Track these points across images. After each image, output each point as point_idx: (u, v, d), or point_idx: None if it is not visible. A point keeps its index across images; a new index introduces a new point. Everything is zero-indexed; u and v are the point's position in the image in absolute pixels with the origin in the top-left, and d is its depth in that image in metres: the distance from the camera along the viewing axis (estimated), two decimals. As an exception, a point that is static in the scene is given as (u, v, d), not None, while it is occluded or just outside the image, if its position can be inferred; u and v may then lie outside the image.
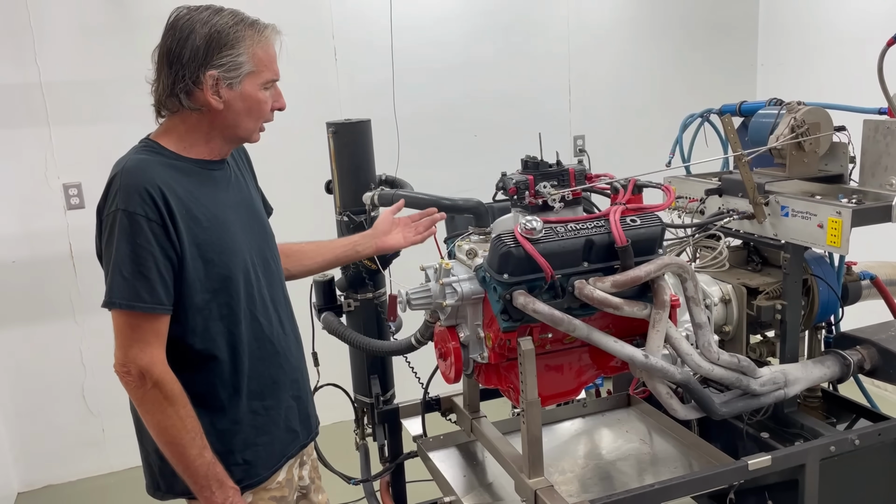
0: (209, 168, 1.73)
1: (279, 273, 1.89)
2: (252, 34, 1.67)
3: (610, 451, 2.19)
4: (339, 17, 4.14)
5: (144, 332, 1.59)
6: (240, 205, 1.79)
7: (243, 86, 1.66)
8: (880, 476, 2.11)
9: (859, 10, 4.30)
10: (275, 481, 1.82)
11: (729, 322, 2.20)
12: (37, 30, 3.64)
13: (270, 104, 1.73)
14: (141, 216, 1.55)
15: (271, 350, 1.78)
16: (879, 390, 3.75)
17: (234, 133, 1.72)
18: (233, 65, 1.64)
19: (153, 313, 1.58)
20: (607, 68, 4.81)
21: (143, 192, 1.56)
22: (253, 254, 1.77)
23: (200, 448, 1.62)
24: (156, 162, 1.64)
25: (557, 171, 1.77)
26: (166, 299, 1.59)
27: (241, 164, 1.91)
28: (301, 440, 1.90)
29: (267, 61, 1.70)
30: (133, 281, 1.55)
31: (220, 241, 1.68)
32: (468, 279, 1.76)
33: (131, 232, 1.55)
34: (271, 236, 1.90)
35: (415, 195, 2.29)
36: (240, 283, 1.71)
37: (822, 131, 2.14)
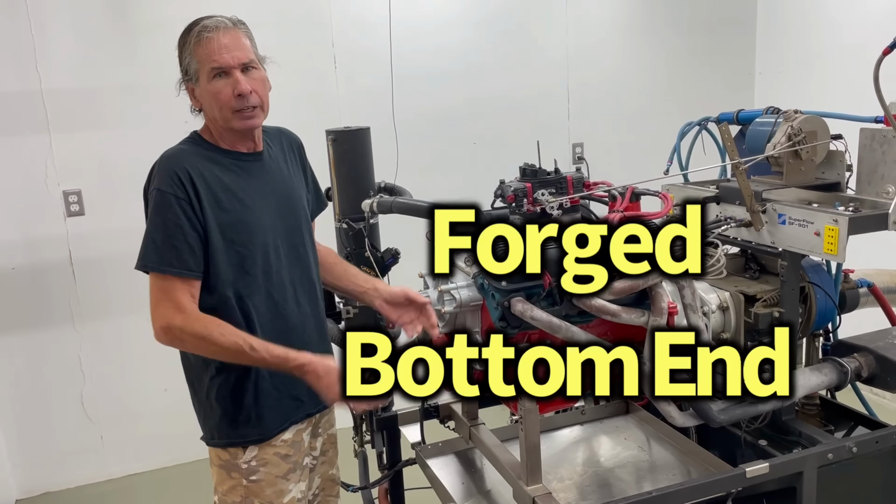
0: (242, 159, 1.97)
1: (307, 258, 2.07)
2: (191, 37, 1.89)
3: (608, 458, 2.19)
4: (338, 26, 4.16)
5: (174, 291, 1.81)
6: (272, 193, 1.99)
7: (201, 83, 1.89)
8: (878, 484, 2.11)
9: (857, 19, 4.32)
10: (279, 439, 2.00)
11: (727, 329, 2.20)
12: (38, 37, 3.66)
13: (228, 92, 1.87)
14: (171, 195, 1.81)
15: (283, 325, 1.97)
16: (877, 398, 3.76)
17: (224, 125, 1.92)
18: (189, 68, 1.90)
19: (181, 277, 1.81)
20: (606, 76, 4.83)
21: (174, 175, 1.83)
22: (278, 237, 1.98)
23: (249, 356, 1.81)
24: (191, 151, 1.92)
25: (555, 179, 1.78)
26: (193, 265, 1.83)
27: (291, 158, 2.13)
28: (307, 409, 2.06)
29: (206, 55, 1.87)
30: (164, 248, 1.81)
31: (241, 223, 1.90)
32: (466, 286, 1.77)
33: (163, 207, 1.81)
34: (306, 224, 2.10)
35: (413, 203, 2.29)
36: (257, 262, 1.92)
37: (819, 140, 2.15)
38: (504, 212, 1.90)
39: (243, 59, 1.89)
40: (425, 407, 2.31)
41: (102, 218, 3.85)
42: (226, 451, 1.98)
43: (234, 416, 1.95)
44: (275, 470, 1.99)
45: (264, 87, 1.97)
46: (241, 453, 1.97)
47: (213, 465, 2.02)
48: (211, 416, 1.97)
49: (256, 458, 1.97)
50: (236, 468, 1.97)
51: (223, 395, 1.94)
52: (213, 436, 1.99)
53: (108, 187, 3.79)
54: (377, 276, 2.42)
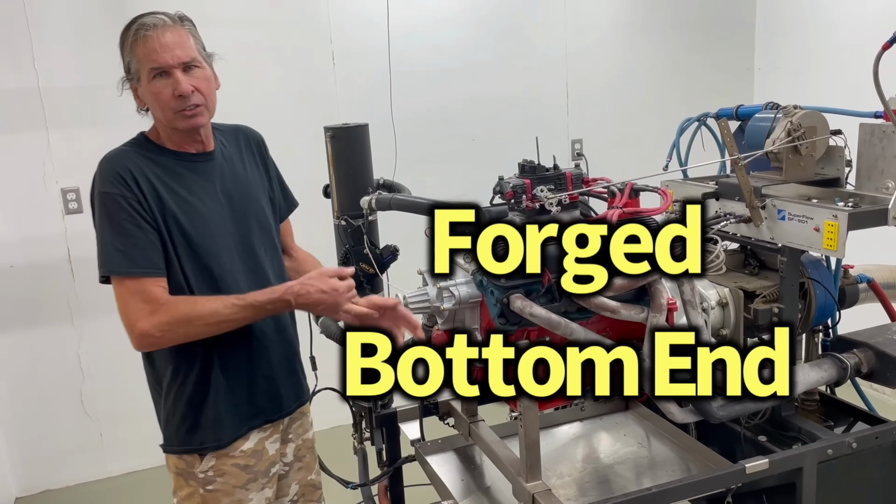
0: (190, 160, 1.90)
1: (264, 263, 1.99)
2: (131, 37, 1.82)
3: (608, 454, 2.19)
4: (336, 22, 4.15)
5: (147, 291, 1.75)
6: (224, 194, 1.93)
7: (142, 82, 1.83)
8: (878, 479, 2.11)
9: (856, 14, 4.31)
10: (238, 449, 1.95)
11: (726, 325, 2.20)
12: (35, 35, 3.65)
13: (169, 92, 1.81)
14: (117, 195, 1.75)
15: (239, 329, 1.85)
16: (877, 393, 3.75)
17: (169, 125, 1.86)
18: (130, 67, 1.85)
19: (150, 276, 1.76)
20: (605, 72, 4.82)
21: (116, 175, 1.77)
22: (231, 240, 1.91)
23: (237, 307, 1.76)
24: (132, 151, 1.85)
25: (554, 175, 1.78)
26: (159, 262, 1.78)
27: (249, 157, 2.06)
28: (267, 415, 2.01)
29: (145, 55, 1.80)
30: (127, 250, 1.74)
31: (190, 226, 1.83)
32: (465, 283, 1.77)
33: (112, 209, 1.75)
34: (266, 226, 2.02)
35: (411, 199, 2.28)
36: (208, 266, 1.86)
37: (819, 135, 2.15)
38: (503, 208, 1.89)
39: (184, 58, 1.81)
40: (425, 404, 2.31)
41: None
42: (182, 458, 1.94)
43: (191, 422, 1.90)
44: (232, 480, 1.95)
45: (209, 85, 1.88)
46: (197, 462, 1.92)
47: (170, 471, 1.98)
48: (171, 422, 1.93)
49: (213, 468, 1.93)
50: (193, 476, 1.93)
51: (181, 400, 1.89)
52: (172, 442, 1.95)
53: (107, 185, 3.77)
54: (376, 274, 2.41)
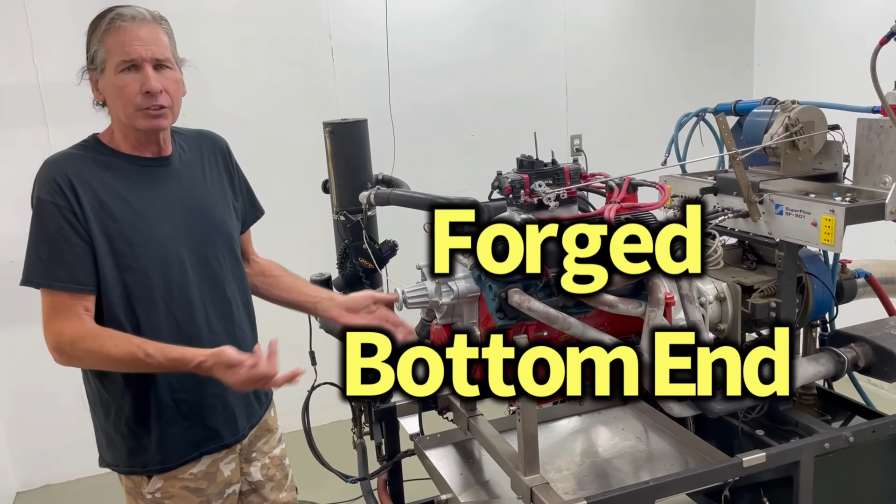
0: (144, 165, 1.80)
1: (222, 273, 1.88)
2: (102, 23, 1.72)
3: (606, 448, 2.20)
4: (335, 18, 4.14)
5: (66, 307, 1.67)
6: (179, 201, 1.82)
7: (106, 74, 1.72)
8: (874, 473, 2.12)
9: (854, 9, 4.31)
10: (188, 472, 1.85)
11: (724, 320, 2.21)
12: (34, 30, 3.64)
13: (136, 87, 1.71)
14: (51, 203, 1.67)
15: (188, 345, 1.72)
16: (874, 388, 3.76)
17: (128, 122, 1.74)
18: (96, 56, 1.73)
19: (72, 292, 1.67)
20: (604, 68, 4.81)
21: (53, 182, 1.68)
22: (184, 250, 1.80)
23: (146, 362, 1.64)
24: (77, 156, 1.76)
25: (552, 170, 1.78)
26: (85, 279, 1.68)
27: (211, 164, 1.94)
28: (224, 440, 1.89)
29: (117, 45, 1.70)
30: (50, 261, 1.67)
31: (136, 233, 1.73)
32: (464, 278, 1.77)
33: (45, 218, 1.68)
34: (224, 236, 1.91)
35: (411, 194, 2.29)
36: (154, 276, 1.75)
37: (816, 130, 2.15)
38: (502, 203, 1.90)
39: (158, 55, 1.72)
40: (423, 398, 2.32)
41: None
42: (129, 478, 1.85)
43: (135, 443, 1.80)
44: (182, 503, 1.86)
45: (177, 88, 1.78)
46: (144, 483, 1.83)
47: (122, 486, 1.90)
48: (113, 441, 1.83)
49: (161, 490, 1.83)
50: (141, 497, 1.84)
51: (125, 420, 1.79)
52: (118, 462, 1.85)
53: (106, 180, 3.77)
54: (375, 269, 2.42)
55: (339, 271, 2.47)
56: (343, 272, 2.45)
